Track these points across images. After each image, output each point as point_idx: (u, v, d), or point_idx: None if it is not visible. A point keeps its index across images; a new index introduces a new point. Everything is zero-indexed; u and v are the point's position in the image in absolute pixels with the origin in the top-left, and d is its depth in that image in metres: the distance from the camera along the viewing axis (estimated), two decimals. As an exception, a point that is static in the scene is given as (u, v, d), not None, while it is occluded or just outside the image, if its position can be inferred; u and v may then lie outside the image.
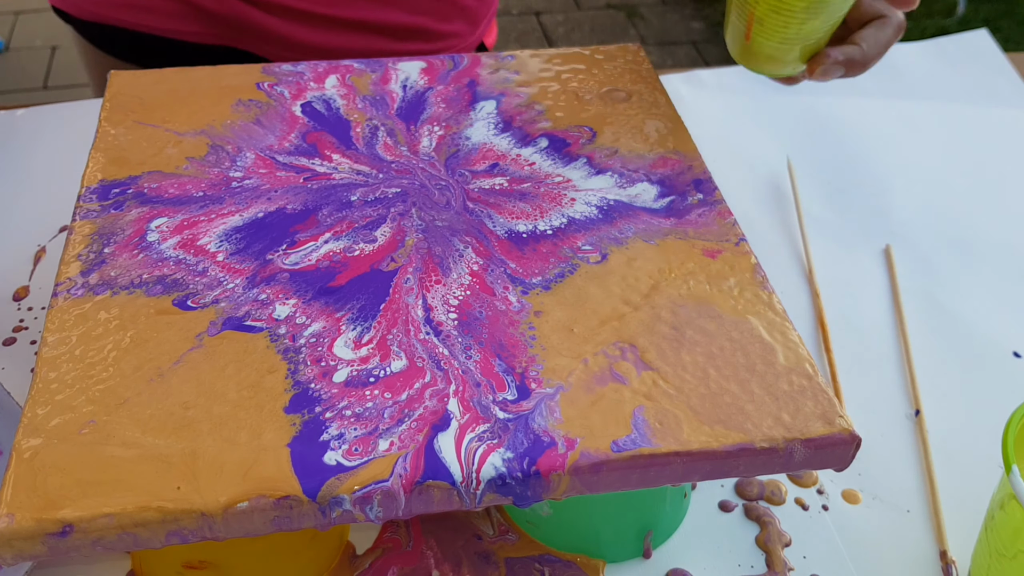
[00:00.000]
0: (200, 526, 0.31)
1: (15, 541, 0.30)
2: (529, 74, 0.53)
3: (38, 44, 2.14)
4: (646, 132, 0.49)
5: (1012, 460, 0.36)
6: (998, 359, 0.52)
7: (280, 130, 0.48)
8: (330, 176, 0.45)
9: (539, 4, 2.38)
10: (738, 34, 0.56)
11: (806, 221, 0.61)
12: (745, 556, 0.43)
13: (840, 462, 0.35)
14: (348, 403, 0.34)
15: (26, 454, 0.32)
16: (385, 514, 0.33)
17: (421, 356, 0.36)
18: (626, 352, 0.37)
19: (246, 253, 0.40)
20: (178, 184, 0.44)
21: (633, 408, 0.35)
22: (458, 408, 0.34)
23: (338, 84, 0.51)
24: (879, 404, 0.50)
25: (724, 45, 2.24)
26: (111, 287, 0.38)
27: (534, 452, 0.33)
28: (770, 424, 0.35)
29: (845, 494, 0.45)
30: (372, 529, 0.43)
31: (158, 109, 0.48)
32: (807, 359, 0.37)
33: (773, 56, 0.56)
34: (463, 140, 0.48)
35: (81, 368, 0.35)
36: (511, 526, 0.43)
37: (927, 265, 0.58)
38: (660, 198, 0.45)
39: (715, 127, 0.69)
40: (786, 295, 0.55)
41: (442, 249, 0.41)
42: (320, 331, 0.37)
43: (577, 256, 0.41)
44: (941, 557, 0.43)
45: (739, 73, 0.74)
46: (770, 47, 0.55)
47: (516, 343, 0.37)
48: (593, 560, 0.42)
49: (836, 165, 0.66)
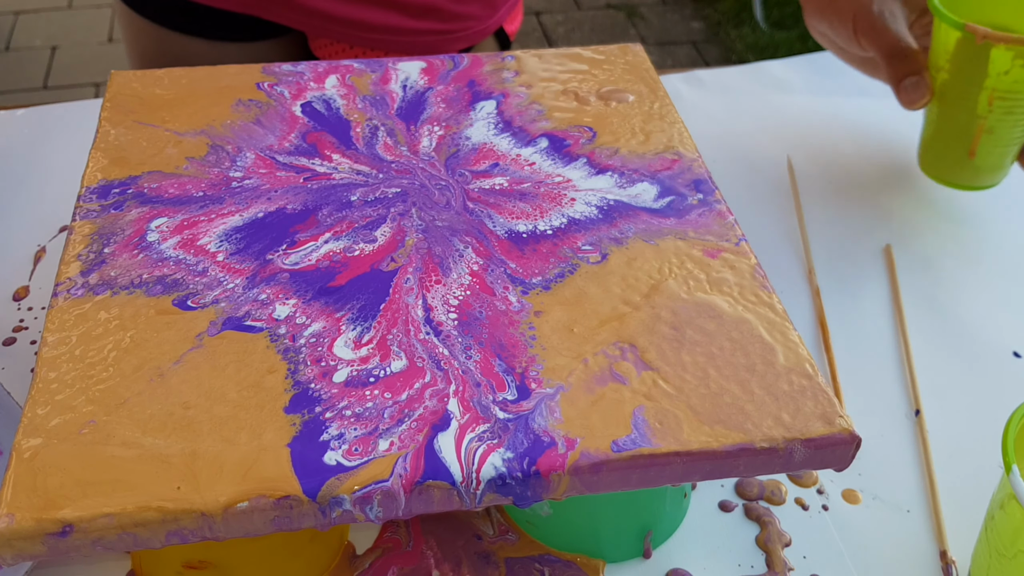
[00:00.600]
0: (200, 526, 0.31)
1: (15, 541, 0.30)
2: (529, 74, 0.53)
3: (38, 44, 2.14)
4: (646, 132, 0.49)
5: (1012, 460, 0.36)
6: (998, 359, 0.52)
7: (280, 130, 0.48)
8: (330, 176, 0.45)
9: (539, 4, 2.38)
10: (958, 155, 0.56)
11: (806, 221, 0.61)
12: (745, 556, 0.43)
13: (840, 462, 0.35)
14: (348, 403, 0.34)
15: (26, 454, 0.32)
16: (385, 514, 0.33)
17: (421, 356, 0.36)
18: (626, 352, 0.37)
19: (246, 253, 0.40)
20: (178, 184, 0.44)
21: (633, 408, 0.35)
22: (458, 408, 0.34)
23: (338, 84, 0.51)
24: (879, 404, 0.50)
25: (724, 45, 2.24)
26: (111, 287, 0.38)
27: (534, 452, 0.33)
28: (770, 424, 0.35)
29: (845, 494, 0.45)
30: (372, 529, 0.43)
31: (158, 109, 0.48)
32: (807, 359, 0.37)
33: (997, 165, 0.57)
34: (463, 140, 0.48)
35: (81, 368, 0.35)
36: (511, 526, 0.43)
37: (927, 265, 0.58)
38: (660, 198, 0.45)
39: (715, 127, 0.69)
40: (786, 295, 0.55)
41: (442, 249, 0.41)
42: (320, 331, 0.37)
43: (577, 256, 0.41)
44: (941, 557, 0.43)
45: (739, 73, 0.74)
46: (996, 155, 0.56)
47: (516, 343, 0.37)
48: (593, 560, 0.42)
49: (836, 165, 0.66)
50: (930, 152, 0.58)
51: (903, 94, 0.56)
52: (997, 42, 0.51)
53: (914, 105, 0.56)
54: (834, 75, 0.75)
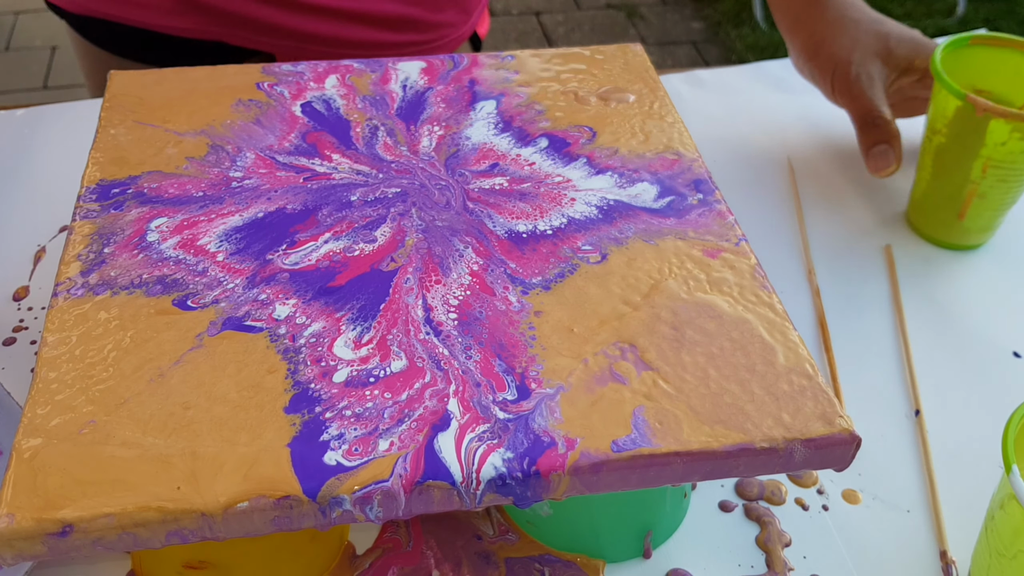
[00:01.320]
0: (200, 526, 0.31)
1: (15, 541, 0.30)
2: (529, 74, 0.53)
3: (38, 44, 2.14)
4: (646, 132, 0.49)
5: (1012, 460, 0.36)
6: (998, 359, 0.52)
7: (280, 130, 0.48)
8: (330, 176, 0.45)
9: (539, 4, 2.38)
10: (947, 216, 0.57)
11: (806, 221, 0.61)
12: (745, 556, 0.43)
13: (840, 462, 0.35)
14: (348, 403, 0.34)
15: (26, 454, 0.32)
16: (385, 514, 0.33)
17: (421, 356, 0.36)
18: (626, 352, 0.37)
19: (246, 253, 0.40)
20: (178, 184, 0.44)
21: (633, 408, 0.35)
22: (458, 408, 0.34)
23: (338, 84, 0.51)
24: (879, 404, 0.50)
25: (724, 45, 2.24)
26: (111, 287, 0.38)
27: (534, 452, 0.33)
28: (770, 424, 0.35)
29: (845, 494, 0.45)
30: (372, 529, 0.43)
31: (158, 109, 0.48)
32: (807, 359, 0.37)
33: (986, 227, 0.59)
34: (463, 140, 0.48)
35: (81, 368, 0.35)
36: (511, 526, 0.43)
37: (927, 265, 0.58)
38: (660, 198, 0.45)
39: (715, 127, 0.69)
40: (786, 295, 0.55)
41: (442, 249, 0.41)
42: (320, 331, 0.37)
43: (577, 256, 0.41)
44: (941, 557, 0.43)
45: (739, 73, 0.74)
46: (985, 218, 0.57)
47: (516, 343, 0.37)
48: (593, 560, 0.42)
49: (836, 165, 0.66)
50: (919, 210, 0.59)
51: (871, 160, 0.58)
52: (997, 115, 0.51)
53: (880, 173, 0.58)
54: (834, 75, 0.75)
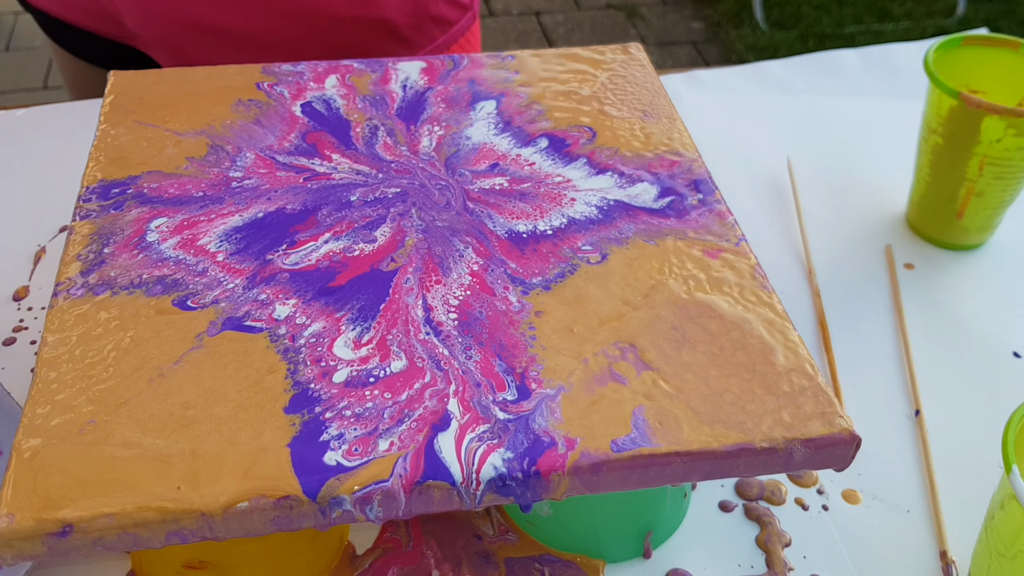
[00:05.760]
0: (200, 526, 0.31)
1: (15, 541, 0.30)
2: (529, 74, 0.53)
3: (38, 44, 2.14)
4: (646, 132, 0.49)
5: (1012, 460, 0.36)
6: (998, 359, 0.52)
7: (280, 130, 0.48)
8: (330, 176, 0.45)
9: (539, 4, 2.38)
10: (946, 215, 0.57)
11: (806, 221, 0.61)
12: (745, 556, 0.43)
13: (840, 462, 0.35)
14: (348, 403, 0.34)
15: (26, 454, 0.32)
16: (385, 514, 0.33)
17: (421, 356, 0.36)
18: (626, 352, 0.37)
19: (246, 253, 0.40)
20: (178, 184, 0.44)
21: (633, 408, 0.35)
22: (458, 408, 0.34)
23: (338, 84, 0.51)
24: (879, 404, 0.50)
25: (724, 45, 2.24)
26: (111, 287, 0.38)
27: (534, 452, 0.33)
28: (770, 424, 0.35)
29: (845, 494, 0.45)
30: (372, 529, 0.43)
31: (158, 109, 0.48)
32: (807, 359, 0.37)
33: (984, 226, 0.59)
34: (463, 140, 0.48)
35: (81, 368, 0.35)
36: (511, 526, 0.43)
37: (927, 265, 0.58)
38: (660, 198, 0.45)
39: (715, 127, 0.69)
40: (786, 295, 0.55)
41: (442, 249, 0.41)
42: (320, 331, 0.37)
43: (577, 256, 0.41)
44: (941, 557, 0.43)
45: (739, 73, 0.74)
46: (984, 217, 0.57)
47: (516, 343, 0.37)
48: (593, 560, 0.42)
49: (836, 165, 0.66)
50: (919, 211, 0.59)
51: None
52: (991, 112, 0.51)
53: None
54: (834, 75, 0.75)
